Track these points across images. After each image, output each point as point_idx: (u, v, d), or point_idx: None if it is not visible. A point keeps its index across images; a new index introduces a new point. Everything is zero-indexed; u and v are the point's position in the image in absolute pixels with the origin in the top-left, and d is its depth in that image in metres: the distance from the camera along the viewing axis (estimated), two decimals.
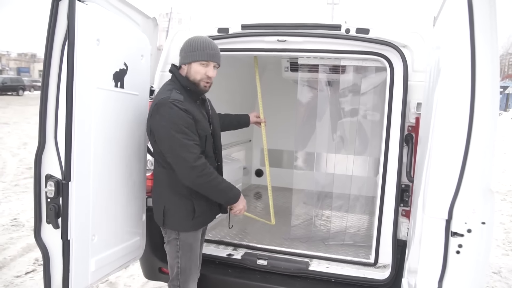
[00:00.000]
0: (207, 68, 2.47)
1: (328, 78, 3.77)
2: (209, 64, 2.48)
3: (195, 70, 2.46)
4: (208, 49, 2.46)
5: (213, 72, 2.50)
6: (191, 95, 2.51)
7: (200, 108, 2.57)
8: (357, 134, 3.89)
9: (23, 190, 7.57)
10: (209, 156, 2.57)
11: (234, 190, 2.59)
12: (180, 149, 2.33)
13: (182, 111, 2.35)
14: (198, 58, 2.44)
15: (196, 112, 2.47)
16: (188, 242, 2.59)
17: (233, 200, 2.60)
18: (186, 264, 2.62)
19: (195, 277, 2.71)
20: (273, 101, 5.46)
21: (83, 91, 2.21)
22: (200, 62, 2.45)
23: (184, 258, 2.61)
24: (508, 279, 4.64)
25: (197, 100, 2.57)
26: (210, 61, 2.47)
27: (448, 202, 1.83)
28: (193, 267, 2.67)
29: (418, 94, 2.81)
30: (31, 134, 14.30)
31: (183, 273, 2.62)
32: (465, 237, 1.82)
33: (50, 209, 2.22)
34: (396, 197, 2.87)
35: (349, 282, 3.01)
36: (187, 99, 2.45)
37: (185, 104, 2.39)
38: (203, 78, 2.48)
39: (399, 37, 2.84)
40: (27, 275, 4.32)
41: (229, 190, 2.55)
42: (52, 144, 2.24)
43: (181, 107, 2.35)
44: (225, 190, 2.53)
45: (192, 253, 2.64)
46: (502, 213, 7.28)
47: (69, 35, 2.11)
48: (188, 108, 2.39)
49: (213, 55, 2.48)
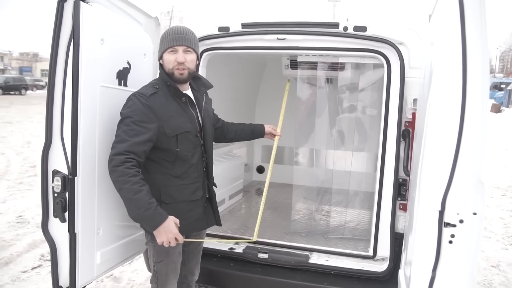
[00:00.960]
0: (176, 54, 2.37)
1: (327, 75, 3.84)
2: (177, 49, 2.37)
3: (166, 60, 2.39)
4: (171, 35, 2.38)
5: (183, 57, 2.37)
6: (172, 91, 2.42)
7: (183, 106, 2.45)
8: (356, 130, 3.96)
9: (27, 188, 7.66)
10: (184, 159, 2.43)
11: (152, 211, 2.15)
12: (115, 138, 2.24)
13: (142, 105, 2.27)
14: (164, 47, 2.39)
15: (170, 109, 2.37)
16: (164, 249, 2.39)
17: (147, 223, 2.26)
18: (162, 269, 2.52)
19: (173, 281, 2.60)
20: (274, 99, 5.53)
21: (88, 89, 2.28)
22: (168, 51, 2.38)
23: (160, 264, 2.52)
24: (506, 272, 4.70)
25: (181, 97, 2.45)
26: (175, 45, 2.36)
27: (441, 194, 1.89)
28: (170, 273, 2.56)
29: (414, 90, 2.88)
30: (34, 132, 14.41)
31: (160, 277, 2.54)
32: (457, 227, 1.89)
33: (57, 203, 2.30)
34: (393, 191, 2.94)
35: (348, 275, 3.08)
36: (164, 95, 2.38)
37: (151, 99, 2.31)
38: (174, 65, 2.37)
39: (396, 35, 2.91)
40: (33, 270, 4.40)
41: (141, 207, 2.14)
42: (59, 141, 2.32)
43: (142, 101, 2.28)
44: (138, 203, 2.14)
45: (169, 259, 2.52)
46: (502, 208, 7.32)
47: (74, 35, 2.19)
48: (153, 104, 2.30)
49: (176, 39, 2.37)
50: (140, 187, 2.14)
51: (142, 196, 2.13)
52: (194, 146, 2.48)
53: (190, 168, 2.46)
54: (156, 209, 2.17)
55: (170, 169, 2.41)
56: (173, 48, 2.37)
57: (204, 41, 3.25)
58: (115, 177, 2.16)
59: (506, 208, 7.31)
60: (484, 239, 5.77)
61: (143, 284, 4.14)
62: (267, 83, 5.83)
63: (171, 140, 2.36)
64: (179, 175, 2.43)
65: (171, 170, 2.42)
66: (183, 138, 2.40)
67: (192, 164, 2.47)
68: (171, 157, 2.40)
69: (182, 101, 2.45)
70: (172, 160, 2.41)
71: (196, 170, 2.50)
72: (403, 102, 2.87)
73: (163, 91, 2.38)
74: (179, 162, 2.42)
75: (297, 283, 3.05)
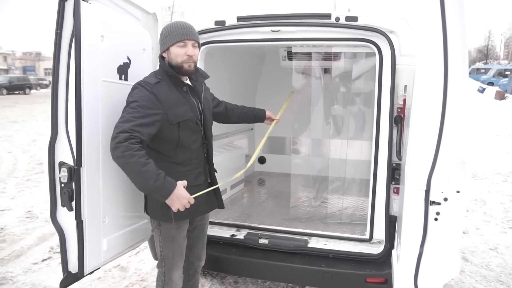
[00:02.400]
0: (186, 48, 2.47)
1: (321, 65, 3.93)
2: (186, 43, 2.47)
3: (174, 53, 2.48)
4: (179, 29, 2.47)
5: (193, 51, 2.49)
6: (173, 80, 2.52)
7: (184, 95, 2.55)
8: (351, 118, 4.05)
9: (35, 184, 7.82)
10: (185, 145, 2.51)
11: (161, 183, 2.19)
12: (120, 119, 2.28)
13: (148, 92, 2.35)
14: (173, 41, 2.47)
15: (173, 97, 2.46)
16: (169, 234, 2.57)
17: (159, 193, 2.25)
18: (168, 253, 2.64)
19: (179, 265, 2.72)
20: (274, 90, 5.63)
21: (90, 84, 2.39)
22: (176, 44, 2.47)
23: (166, 248, 2.63)
24: (504, 254, 4.79)
25: (183, 87, 2.56)
26: (185, 39, 2.46)
27: (426, 174, 2.00)
28: (177, 256, 2.67)
29: (405, 77, 2.96)
30: (39, 131, 14.60)
31: (167, 261, 2.66)
32: (442, 205, 2.00)
33: (64, 193, 2.42)
34: (387, 175, 3.03)
35: (345, 257, 3.19)
36: (167, 84, 2.47)
37: (156, 88, 2.39)
38: (184, 59, 2.47)
39: (387, 24, 2.99)
40: (43, 262, 4.55)
41: (150, 178, 2.17)
42: (64, 134, 2.44)
43: (148, 89, 2.37)
44: (145, 176, 2.16)
45: (175, 244, 2.63)
46: (503, 193, 7.39)
47: (75, 32, 2.29)
48: (158, 92, 2.39)
49: (187, 33, 2.47)
50: (146, 160, 2.17)
51: (150, 168, 2.16)
52: (195, 133, 2.57)
53: (191, 155, 2.56)
54: (166, 178, 2.21)
55: (172, 157, 2.51)
56: (183, 42, 2.47)
57: (201, 35, 3.34)
58: (119, 153, 2.14)
59: (506, 193, 7.39)
60: (483, 223, 5.87)
61: (149, 273, 4.28)
62: (266, 74, 5.92)
63: (173, 128, 2.45)
64: (182, 162, 2.53)
65: (174, 158, 2.51)
66: (184, 126, 2.49)
67: (194, 151, 2.57)
68: (172, 145, 2.49)
69: (183, 90, 2.56)
70: (174, 148, 2.49)
71: (197, 156, 2.60)
72: (395, 89, 2.96)
73: (165, 81, 2.48)
74: (180, 149, 2.51)
75: (297, 266, 3.16)
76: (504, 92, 26.75)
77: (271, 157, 6.15)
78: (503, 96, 25.90)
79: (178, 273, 2.74)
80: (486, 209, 6.52)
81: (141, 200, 3.01)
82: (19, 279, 4.12)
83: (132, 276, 4.24)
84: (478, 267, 4.44)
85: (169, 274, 2.70)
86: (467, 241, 5.18)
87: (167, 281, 2.71)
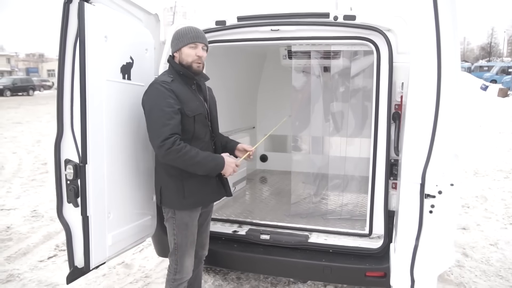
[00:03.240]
0: (196, 49, 2.68)
1: (320, 63, 3.98)
2: (197, 45, 2.68)
3: (186, 54, 2.68)
4: (192, 32, 2.69)
5: (202, 52, 2.71)
6: (184, 79, 2.71)
7: (194, 92, 2.75)
8: (350, 116, 4.11)
9: (40, 184, 7.91)
10: (199, 137, 2.71)
11: (214, 160, 2.66)
12: (154, 126, 2.53)
13: (167, 90, 2.56)
14: (186, 42, 2.67)
15: (187, 94, 2.67)
16: (184, 221, 2.76)
17: (216, 169, 2.69)
18: (182, 241, 2.79)
19: (191, 253, 2.86)
20: (275, 88, 5.70)
21: (95, 83, 2.47)
22: (188, 45, 2.67)
23: (180, 236, 2.78)
24: (504, 250, 4.84)
25: (192, 85, 2.75)
26: (197, 42, 2.68)
27: (421, 168, 2.06)
28: (189, 244, 2.83)
29: (402, 74, 3.01)
30: (43, 132, 14.72)
31: (180, 248, 2.80)
32: (436, 198, 2.06)
33: (70, 190, 2.50)
34: (386, 171, 3.09)
35: (345, 252, 3.24)
36: (179, 83, 2.67)
37: (172, 85, 2.61)
38: (194, 59, 2.68)
39: (384, 22, 3.04)
40: (49, 260, 4.63)
41: (207, 162, 2.62)
42: (69, 132, 2.51)
43: (166, 87, 2.57)
44: (202, 162, 2.59)
45: (188, 231, 2.80)
46: (504, 190, 7.42)
47: (80, 33, 2.37)
48: (175, 89, 2.60)
49: (198, 37, 2.69)
50: (194, 151, 2.55)
51: (201, 155, 2.58)
52: (205, 126, 2.78)
53: (204, 146, 2.73)
54: (214, 156, 2.68)
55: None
56: (195, 44, 2.67)
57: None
58: (174, 156, 2.50)
59: (508, 190, 7.41)
60: (484, 219, 5.91)
61: (153, 270, 4.35)
62: (267, 73, 5.98)
63: (190, 120, 2.64)
64: None
65: None
66: (199, 119, 2.70)
67: (206, 142, 2.77)
68: (189, 136, 2.65)
69: (193, 88, 2.75)
70: (190, 139, 2.65)
71: (208, 147, 2.78)
72: (392, 86, 3.01)
73: (177, 80, 2.68)
74: (195, 140, 2.69)
75: (298, 261, 3.22)
76: (507, 90, 26.67)
77: (273, 155, 6.21)
78: (506, 94, 25.83)
79: (190, 261, 2.86)
80: (487, 205, 6.55)
81: (144, 197, 3.09)
82: (25, 276, 4.20)
83: (136, 272, 4.32)
84: (478, 262, 4.48)
85: (181, 261, 2.81)
86: (467, 237, 5.23)
87: (179, 269, 2.82)
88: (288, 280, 4.01)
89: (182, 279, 2.86)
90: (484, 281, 4.06)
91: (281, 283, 3.99)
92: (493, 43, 74.96)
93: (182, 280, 2.86)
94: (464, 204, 6.55)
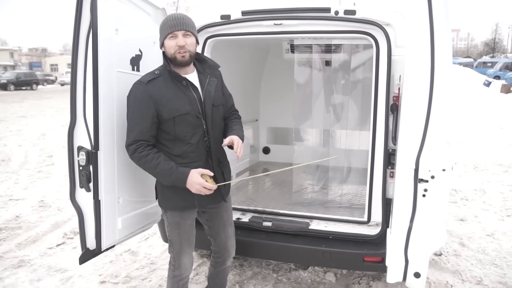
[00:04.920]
0: (176, 39, 2.52)
1: (321, 57, 4.10)
2: (176, 34, 2.51)
3: (168, 46, 2.55)
4: (169, 21, 2.53)
5: (183, 41, 2.52)
6: (173, 76, 2.58)
7: (183, 89, 2.58)
8: (351, 109, 4.23)
9: (46, 176, 8.07)
10: (182, 139, 2.58)
11: (173, 175, 2.50)
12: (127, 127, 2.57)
13: (140, 92, 2.50)
14: (164, 34, 2.55)
15: (168, 93, 2.54)
16: (174, 220, 2.74)
17: (176, 184, 2.54)
18: (175, 239, 2.79)
19: (187, 251, 2.84)
20: (277, 82, 5.81)
21: (106, 74, 2.59)
22: (168, 37, 2.53)
23: (173, 234, 2.79)
24: (500, 240, 4.96)
25: (182, 81, 2.59)
26: (175, 31, 2.51)
27: (415, 154, 2.18)
28: (184, 242, 2.80)
29: (400, 67, 3.13)
30: (48, 125, 14.89)
31: (175, 246, 2.81)
32: (429, 182, 2.19)
33: (83, 175, 2.63)
34: (384, 160, 3.20)
35: (344, 238, 3.37)
36: (165, 79, 2.56)
37: (150, 85, 2.51)
38: (176, 49, 2.53)
39: (383, 17, 3.15)
40: (58, 247, 4.78)
41: (166, 175, 2.51)
42: (82, 120, 2.65)
43: (141, 88, 2.50)
44: (162, 174, 2.52)
45: (181, 230, 2.77)
46: (503, 183, 7.52)
47: (93, 26, 2.49)
48: (152, 89, 2.50)
49: (175, 25, 2.51)
50: (155, 161, 2.49)
51: (161, 167, 2.49)
52: (194, 127, 2.60)
53: (189, 148, 2.60)
54: (177, 170, 2.51)
55: (171, 149, 2.61)
56: (172, 33, 2.52)
57: (207, 29, 3.53)
58: (136, 161, 2.55)
59: (506, 183, 7.52)
60: (482, 211, 6.03)
61: (159, 257, 4.50)
62: (270, 66, 6.09)
63: (169, 122, 2.54)
64: (180, 154, 2.61)
65: (172, 150, 2.61)
66: (181, 120, 2.55)
67: (192, 144, 2.60)
68: (170, 137, 2.59)
69: (183, 85, 2.59)
70: (172, 140, 2.59)
71: (195, 150, 2.62)
72: (391, 79, 3.12)
73: (164, 77, 2.56)
74: (178, 142, 2.59)
75: (299, 246, 3.35)
76: (510, 86, 26.65)
77: (275, 147, 6.34)
78: (509, 90, 25.83)
79: (187, 258, 2.86)
80: (486, 198, 6.67)
81: (151, 184, 3.22)
82: (36, 262, 4.36)
83: (142, 259, 4.46)
84: (474, 252, 4.61)
85: (178, 259, 2.84)
86: (465, 228, 5.35)
87: (177, 266, 2.87)
88: (289, 267, 4.15)
89: (181, 275, 2.88)
90: (480, 269, 4.19)
91: (283, 269, 4.13)
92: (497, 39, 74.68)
93: (181, 276, 2.89)
94: (463, 197, 6.67)
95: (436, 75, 2.10)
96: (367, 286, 3.82)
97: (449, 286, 3.82)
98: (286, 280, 3.96)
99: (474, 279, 3.98)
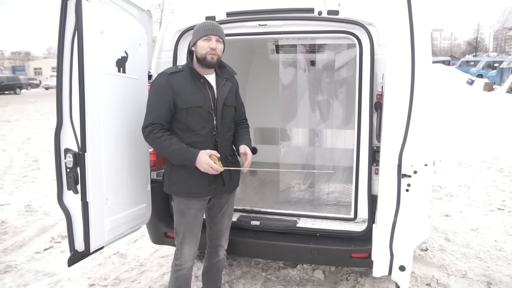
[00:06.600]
0: (210, 42, 2.76)
1: (306, 57, 4.15)
2: (210, 38, 2.77)
3: (200, 46, 2.78)
4: (206, 26, 2.80)
5: (216, 45, 2.77)
6: (193, 73, 2.82)
7: (200, 86, 2.81)
8: (336, 108, 4.28)
9: (32, 180, 7.98)
10: (193, 130, 2.77)
11: (184, 154, 2.70)
12: (146, 110, 2.78)
13: (162, 81, 2.75)
14: (199, 35, 2.78)
15: (187, 86, 2.77)
16: (179, 208, 2.88)
17: (186, 163, 2.73)
18: (179, 228, 2.91)
19: (189, 242, 2.91)
20: (263, 82, 5.85)
21: (92, 76, 2.60)
22: (202, 38, 2.77)
23: (177, 222, 2.92)
24: (484, 234, 5.07)
25: (200, 79, 2.82)
26: (210, 34, 2.76)
27: (398, 150, 2.24)
28: (186, 232, 2.89)
29: (383, 65, 3.19)
30: (33, 129, 14.73)
31: (178, 234, 2.92)
32: (412, 177, 2.25)
33: (70, 177, 2.63)
34: (369, 157, 3.26)
35: (332, 235, 3.41)
36: (186, 75, 2.79)
37: (172, 76, 2.76)
38: (208, 50, 2.76)
39: (365, 16, 3.21)
40: (45, 251, 4.74)
41: (177, 154, 2.71)
42: (68, 122, 2.65)
43: (163, 78, 2.75)
44: (173, 154, 2.72)
45: (184, 219, 2.88)
46: (486, 179, 7.68)
47: (78, 28, 2.50)
48: (173, 80, 2.75)
49: (211, 29, 2.78)
50: (168, 141, 2.69)
51: (173, 146, 2.69)
52: (205, 120, 2.81)
53: (198, 139, 2.79)
54: (188, 149, 2.71)
55: (182, 138, 2.78)
56: (207, 36, 2.77)
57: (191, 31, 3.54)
58: (150, 143, 2.78)
59: (490, 179, 7.69)
60: (466, 207, 6.15)
61: (147, 259, 4.49)
62: (256, 68, 6.12)
63: (183, 112, 2.76)
64: (189, 143, 2.77)
65: (183, 139, 2.78)
66: (194, 112, 2.77)
67: (201, 135, 2.80)
68: (182, 126, 2.79)
69: (201, 82, 2.83)
70: (184, 129, 2.79)
71: (204, 141, 2.80)
72: (374, 77, 3.18)
73: (185, 72, 2.81)
74: (189, 132, 2.79)
75: (287, 244, 3.38)
76: (492, 84, 27.20)
77: (262, 148, 6.36)
78: (492, 88, 26.36)
79: (188, 249, 2.93)
80: (470, 194, 6.81)
81: (140, 186, 3.24)
82: (23, 267, 4.32)
83: (131, 262, 4.45)
84: (459, 246, 4.71)
85: (181, 248, 2.92)
86: (450, 223, 5.46)
87: (179, 255, 2.95)
88: (278, 266, 4.19)
89: (181, 265, 2.94)
90: (464, 263, 4.28)
91: (271, 268, 4.17)
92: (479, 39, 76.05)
93: (181, 266, 2.95)
94: (448, 193, 6.80)
95: (416, 73, 2.17)
96: (355, 283, 3.88)
97: (435, 280, 3.89)
98: (275, 278, 4.00)
99: (459, 273, 4.06)
